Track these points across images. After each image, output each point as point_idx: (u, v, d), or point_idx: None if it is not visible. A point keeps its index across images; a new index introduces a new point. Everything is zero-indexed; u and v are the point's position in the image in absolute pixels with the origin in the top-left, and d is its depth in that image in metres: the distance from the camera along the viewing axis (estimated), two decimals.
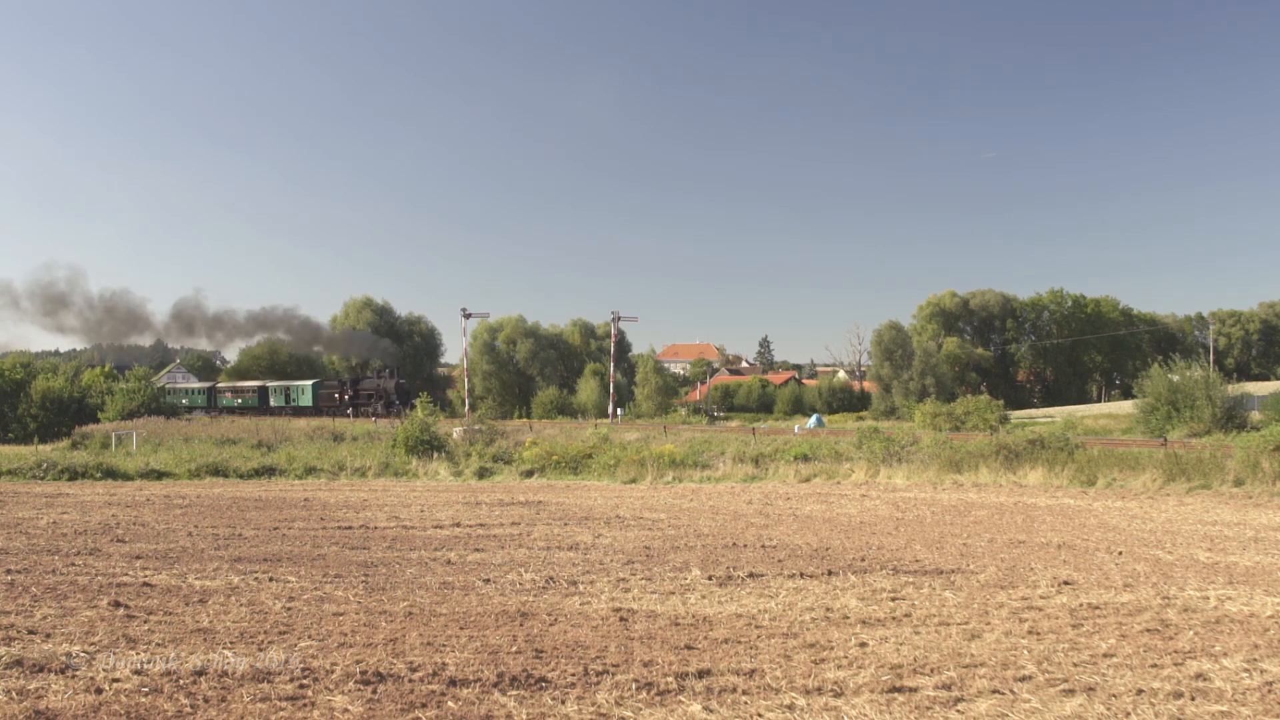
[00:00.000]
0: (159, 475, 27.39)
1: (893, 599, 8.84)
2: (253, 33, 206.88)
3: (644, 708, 5.61)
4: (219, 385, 72.52)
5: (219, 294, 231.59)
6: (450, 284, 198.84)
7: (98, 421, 52.67)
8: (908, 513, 16.36)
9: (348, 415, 59.38)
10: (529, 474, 26.45)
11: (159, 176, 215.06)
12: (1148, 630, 7.48)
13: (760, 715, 5.47)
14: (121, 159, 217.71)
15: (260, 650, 6.80)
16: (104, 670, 6.17)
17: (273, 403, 67.29)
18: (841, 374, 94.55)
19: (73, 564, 11.01)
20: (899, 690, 5.89)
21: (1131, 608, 8.35)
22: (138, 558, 11.58)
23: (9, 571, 10.31)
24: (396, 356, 77.32)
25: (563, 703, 5.67)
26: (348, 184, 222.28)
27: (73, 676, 6.04)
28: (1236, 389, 36.48)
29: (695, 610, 8.44)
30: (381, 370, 63.19)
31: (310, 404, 64.38)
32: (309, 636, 7.31)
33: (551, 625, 7.82)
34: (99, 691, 5.72)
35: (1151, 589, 9.21)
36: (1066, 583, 9.56)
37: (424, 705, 5.59)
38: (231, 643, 7.05)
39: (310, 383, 67.23)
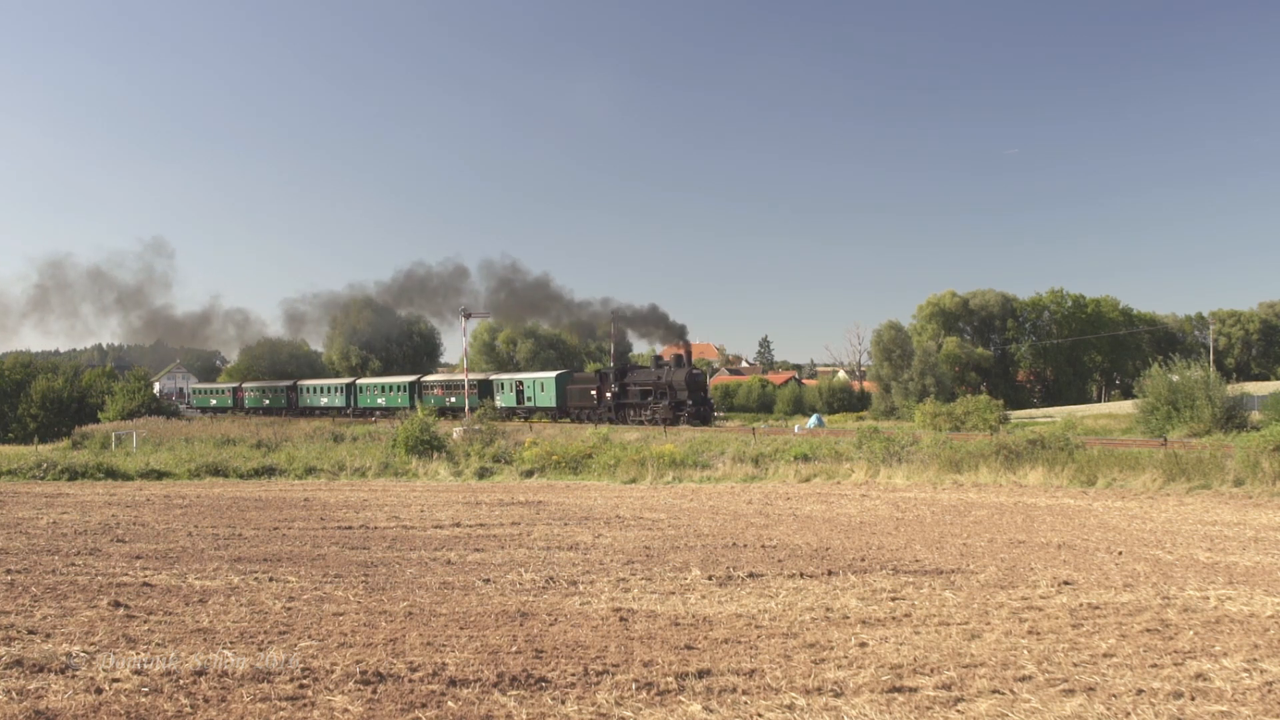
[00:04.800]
0: (159, 475, 27.40)
1: (893, 599, 8.84)
2: (253, 33, 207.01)
3: (644, 708, 5.61)
4: (425, 380, 60.26)
5: (217, 293, 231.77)
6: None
7: (98, 421, 52.74)
8: (908, 513, 16.35)
9: (608, 420, 45.13)
10: (529, 474, 26.44)
11: (159, 176, 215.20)
12: (1148, 630, 7.48)
13: (760, 715, 5.47)
14: (121, 159, 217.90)
15: (260, 650, 6.80)
16: (104, 670, 6.17)
17: (499, 402, 52.98)
18: (841, 374, 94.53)
19: (73, 564, 11.01)
20: (899, 690, 5.89)
21: (1131, 608, 8.35)
22: (138, 558, 11.58)
23: (9, 571, 10.31)
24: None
25: (563, 703, 5.67)
26: (347, 183, 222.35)
27: (73, 676, 6.04)
28: (1236, 389, 36.45)
29: (695, 610, 8.44)
30: (660, 361, 46.95)
31: (553, 403, 49.73)
32: (309, 636, 7.31)
33: (551, 625, 7.82)
34: (99, 691, 5.73)
35: (1151, 589, 9.20)
36: (1066, 583, 9.56)
37: (424, 705, 5.59)
38: (231, 643, 7.05)
39: (553, 375, 51.30)
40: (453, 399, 54.18)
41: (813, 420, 54.45)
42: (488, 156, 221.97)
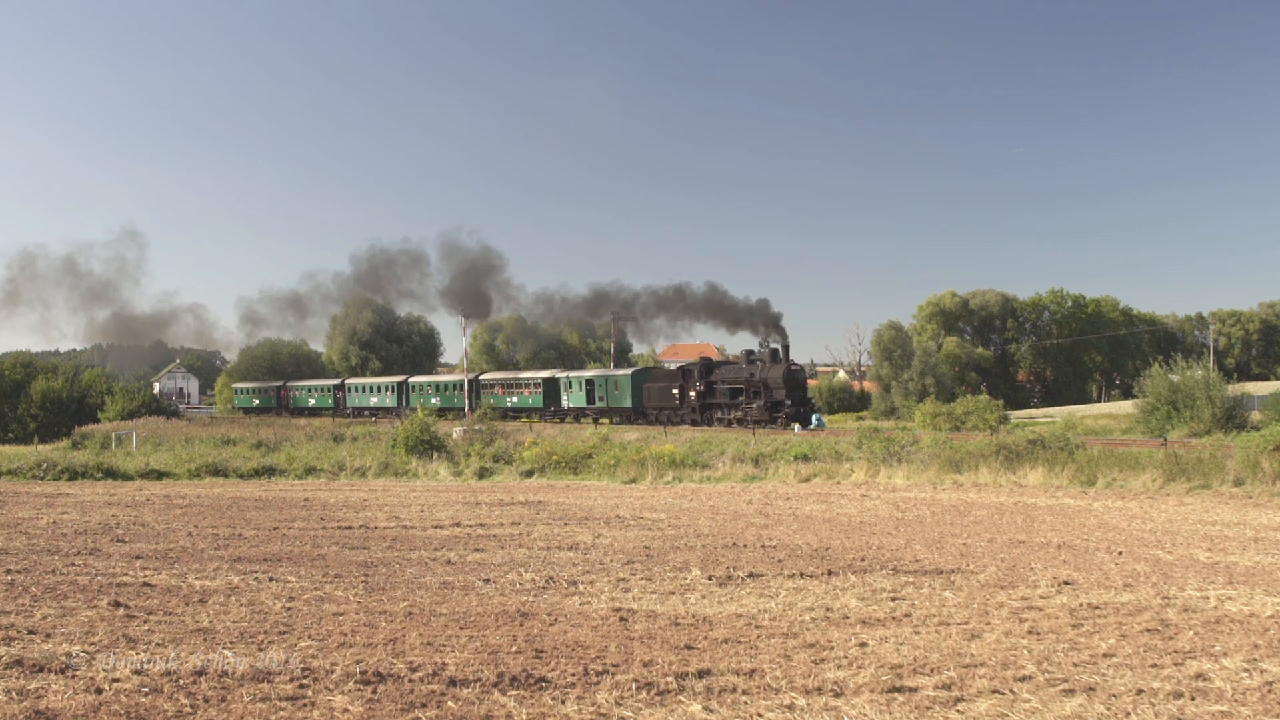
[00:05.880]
0: (159, 475, 27.40)
1: (893, 599, 8.84)
2: (253, 33, 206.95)
3: (644, 708, 5.61)
4: (484, 378, 55.61)
5: (217, 293, 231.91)
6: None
7: (98, 421, 52.70)
8: (908, 513, 16.35)
9: (690, 422, 41.28)
10: (529, 474, 26.45)
11: (159, 176, 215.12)
12: (1148, 630, 7.48)
13: (760, 715, 5.47)
14: (121, 159, 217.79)
15: (260, 650, 6.80)
16: (104, 670, 6.17)
17: (566, 401, 48.91)
18: (841, 374, 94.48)
19: (73, 564, 11.02)
20: (899, 690, 5.90)
21: (1131, 608, 8.35)
22: (138, 558, 11.59)
23: (9, 571, 10.31)
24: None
25: (563, 703, 5.67)
26: (347, 183, 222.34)
27: (73, 676, 6.04)
28: (1236, 389, 36.43)
29: (695, 610, 8.44)
30: (753, 355, 40.84)
31: (630, 404, 45.12)
32: (309, 636, 7.31)
33: (551, 625, 7.82)
34: (99, 691, 5.73)
35: (1151, 589, 9.21)
36: (1066, 583, 9.56)
37: (424, 705, 5.59)
38: (231, 643, 7.05)
39: (628, 372, 46.50)
40: (514, 399, 50.88)
41: (813, 420, 54.28)
42: (488, 156, 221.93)
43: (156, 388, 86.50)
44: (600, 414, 47.35)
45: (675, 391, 42.81)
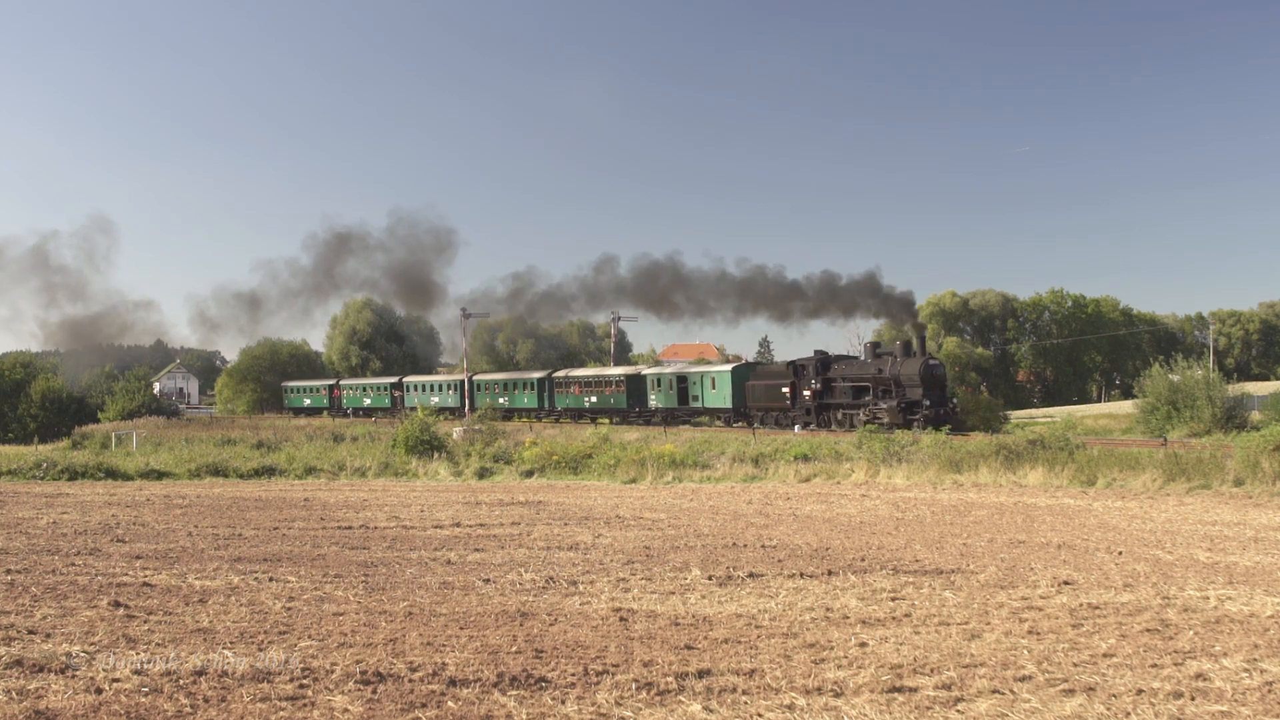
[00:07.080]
0: (159, 475, 27.42)
1: (893, 599, 8.84)
2: (253, 33, 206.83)
3: (644, 708, 5.61)
4: (557, 376, 50.17)
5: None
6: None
7: (98, 421, 52.76)
8: (908, 513, 16.35)
9: (803, 425, 35.82)
10: (529, 474, 26.46)
11: (159, 176, 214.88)
12: (1148, 630, 7.48)
13: (760, 715, 5.47)
14: (121, 159, 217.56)
15: (260, 650, 6.80)
16: (104, 670, 6.17)
17: (653, 401, 43.99)
18: None
19: (73, 564, 11.02)
20: (899, 690, 5.90)
21: (1131, 608, 8.35)
22: (138, 558, 11.59)
23: (9, 571, 10.32)
24: None
25: (563, 703, 5.68)
26: (347, 183, 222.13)
27: (73, 676, 6.04)
28: (1236, 389, 36.44)
29: (695, 610, 8.44)
30: (879, 348, 35.42)
31: (728, 404, 39.75)
32: (309, 636, 7.31)
33: (551, 625, 7.82)
34: (99, 691, 5.73)
35: (1151, 589, 9.21)
36: (1066, 583, 9.56)
37: (424, 705, 5.59)
38: (231, 643, 7.05)
39: (728, 368, 41.49)
40: (593, 398, 46.11)
41: None
42: (488, 156, 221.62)
43: (156, 388, 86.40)
44: (693, 414, 41.83)
45: (786, 390, 36.88)
